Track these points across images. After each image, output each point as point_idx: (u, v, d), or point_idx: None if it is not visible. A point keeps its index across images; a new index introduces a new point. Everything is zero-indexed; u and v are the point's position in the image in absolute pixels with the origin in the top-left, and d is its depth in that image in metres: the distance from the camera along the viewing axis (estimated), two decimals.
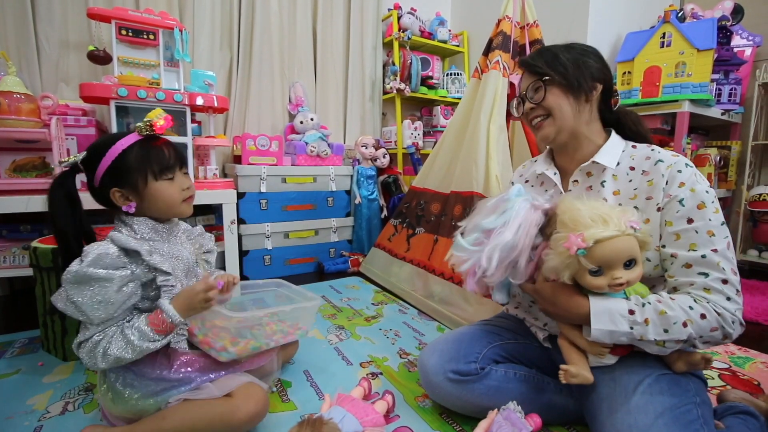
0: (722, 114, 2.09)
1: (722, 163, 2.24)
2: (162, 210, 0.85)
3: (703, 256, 0.71)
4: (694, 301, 0.70)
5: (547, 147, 0.95)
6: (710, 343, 0.71)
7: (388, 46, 2.71)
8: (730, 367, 1.20)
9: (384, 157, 2.41)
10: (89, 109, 1.66)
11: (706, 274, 0.71)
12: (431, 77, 2.76)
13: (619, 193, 0.81)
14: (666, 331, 0.69)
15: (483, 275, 0.78)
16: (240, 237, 1.97)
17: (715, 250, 0.71)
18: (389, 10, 2.63)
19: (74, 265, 0.74)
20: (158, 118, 0.81)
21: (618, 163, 0.83)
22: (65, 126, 1.51)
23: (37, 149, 1.51)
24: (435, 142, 2.32)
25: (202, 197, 1.62)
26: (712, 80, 2.02)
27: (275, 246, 2.10)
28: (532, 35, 1.70)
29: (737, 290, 0.71)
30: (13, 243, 1.52)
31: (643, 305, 0.71)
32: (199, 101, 1.65)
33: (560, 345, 0.81)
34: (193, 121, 1.77)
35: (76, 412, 0.94)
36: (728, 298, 0.70)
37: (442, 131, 2.61)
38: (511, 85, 1.66)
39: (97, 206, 0.85)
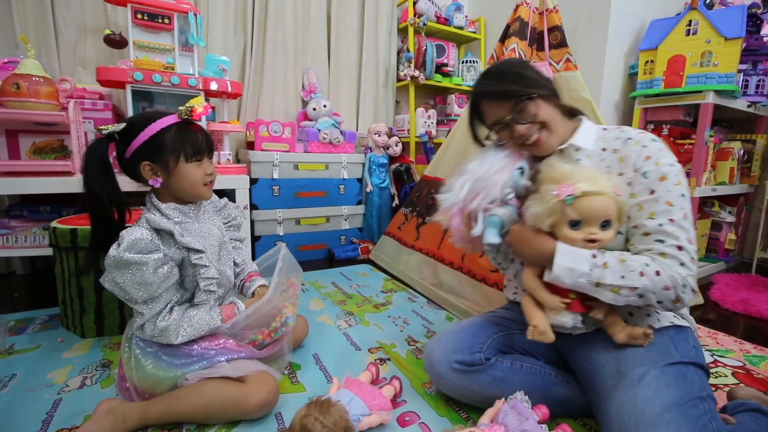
0: (748, 106, 2.02)
1: (746, 157, 2.17)
2: (185, 189, 0.89)
3: (660, 225, 0.75)
4: (652, 260, 0.74)
5: None
6: (663, 303, 0.74)
7: (403, 32, 2.67)
8: (745, 365, 1.18)
9: (396, 145, 2.39)
10: (106, 93, 1.68)
11: (662, 241, 0.74)
12: (446, 64, 2.72)
13: None
14: (623, 277, 0.73)
15: (462, 212, 0.87)
16: (252, 222, 1.99)
17: (672, 220, 0.74)
18: None
19: (112, 251, 0.78)
20: (198, 105, 0.86)
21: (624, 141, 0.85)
22: (82, 109, 1.53)
23: (56, 132, 1.54)
24: (448, 131, 2.30)
25: (216, 182, 1.63)
26: (739, 71, 1.94)
27: (287, 232, 2.11)
28: (551, 21, 1.65)
29: (692, 258, 0.74)
30: (33, 223, 1.56)
31: (604, 252, 0.76)
32: (213, 86, 1.66)
33: (523, 304, 0.85)
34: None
35: (93, 387, 0.98)
36: (681, 264, 0.73)
37: (456, 120, 2.59)
38: None
39: (127, 188, 0.89)
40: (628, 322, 0.81)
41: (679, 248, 0.73)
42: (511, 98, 0.84)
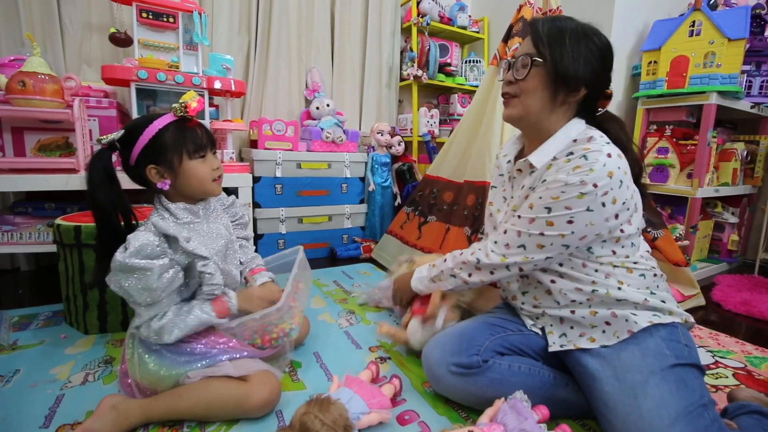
0: (752, 107, 2.01)
1: (749, 158, 2.16)
2: (194, 187, 0.88)
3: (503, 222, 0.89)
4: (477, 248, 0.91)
5: None
6: (472, 276, 0.92)
7: (406, 31, 2.68)
8: (746, 366, 1.18)
9: (399, 144, 2.39)
10: (111, 91, 1.69)
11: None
12: (449, 64, 2.72)
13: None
14: (442, 270, 0.98)
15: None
16: (255, 221, 2.00)
17: (514, 224, 0.84)
18: None
19: (118, 254, 0.78)
20: (192, 100, 0.85)
21: (555, 159, 0.81)
22: (87, 107, 1.54)
23: (61, 129, 1.55)
24: (451, 131, 2.30)
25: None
26: (743, 71, 1.94)
27: (289, 230, 2.12)
28: None
29: (500, 252, 0.85)
30: (38, 220, 1.57)
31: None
32: (217, 85, 1.67)
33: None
34: (210, 104, 1.79)
35: (96, 383, 0.98)
36: (489, 251, 0.87)
37: (458, 119, 2.59)
38: None
39: (131, 186, 0.89)
40: (598, 328, 0.83)
41: (495, 242, 0.86)
42: (533, 45, 0.80)
